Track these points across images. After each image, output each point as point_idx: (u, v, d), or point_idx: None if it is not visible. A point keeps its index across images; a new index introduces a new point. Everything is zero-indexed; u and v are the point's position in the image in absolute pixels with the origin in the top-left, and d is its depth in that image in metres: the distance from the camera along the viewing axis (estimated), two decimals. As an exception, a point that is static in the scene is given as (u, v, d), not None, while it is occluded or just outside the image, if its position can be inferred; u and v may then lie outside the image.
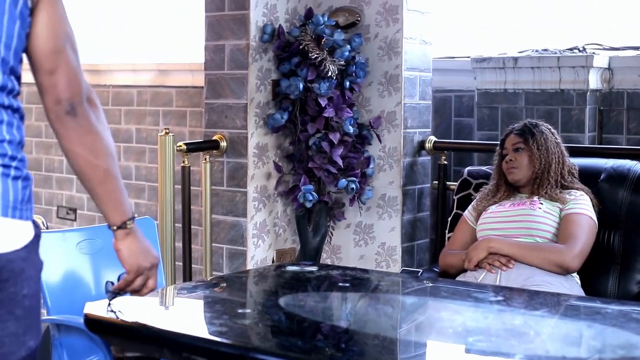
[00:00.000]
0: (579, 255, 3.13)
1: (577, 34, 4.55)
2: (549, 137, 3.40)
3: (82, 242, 2.91)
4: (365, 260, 4.27)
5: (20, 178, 1.82)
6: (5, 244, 1.78)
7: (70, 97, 1.91)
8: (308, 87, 3.98)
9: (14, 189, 1.80)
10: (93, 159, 1.96)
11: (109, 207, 2.03)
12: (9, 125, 1.82)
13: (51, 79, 1.90)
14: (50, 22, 1.87)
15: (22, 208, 1.81)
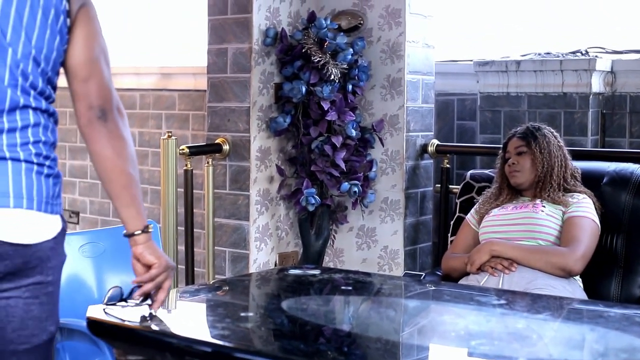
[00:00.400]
0: (582, 258, 3.13)
1: (579, 37, 4.55)
2: (551, 140, 3.39)
3: (84, 245, 2.92)
4: (367, 264, 4.26)
5: (52, 176, 2.01)
6: (37, 235, 1.96)
7: (102, 103, 2.07)
8: (311, 91, 3.99)
9: (46, 186, 1.99)
10: (120, 163, 2.12)
11: (132, 211, 2.15)
12: (45, 128, 2.01)
13: (85, 86, 2.07)
14: (87, 37, 2.07)
15: (53, 203, 2.00)
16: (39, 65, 1.99)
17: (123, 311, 2.29)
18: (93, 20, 2.10)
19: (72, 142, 5.63)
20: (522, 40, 4.71)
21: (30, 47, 1.97)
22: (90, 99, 2.07)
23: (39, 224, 1.98)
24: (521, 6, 4.81)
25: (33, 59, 1.98)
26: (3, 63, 1.94)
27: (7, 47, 1.93)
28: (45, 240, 1.98)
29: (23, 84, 1.97)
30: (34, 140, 1.98)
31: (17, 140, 1.95)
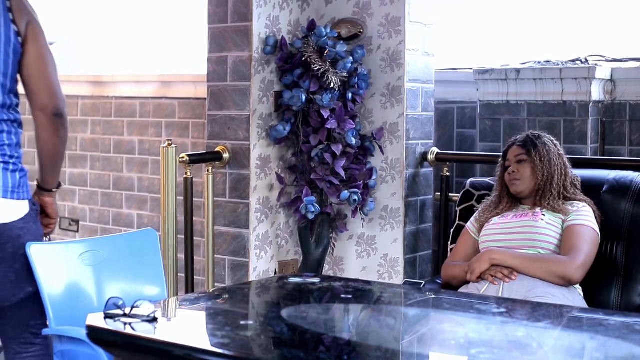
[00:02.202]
0: (582, 266, 3.12)
1: (579, 45, 4.56)
2: (551, 148, 3.40)
3: (84, 253, 2.91)
4: (367, 272, 4.26)
5: (17, 170, 2.64)
6: (6, 217, 2.59)
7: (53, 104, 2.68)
8: (310, 99, 3.99)
9: (12, 179, 2.61)
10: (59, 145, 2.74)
11: None
12: (8, 133, 2.61)
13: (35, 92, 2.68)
14: (35, 52, 2.64)
15: (17, 191, 2.61)
16: (3, 85, 2.58)
17: (123, 320, 2.28)
18: (38, 36, 2.66)
19: (71, 150, 5.63)
20: (522, 49, 4.72)
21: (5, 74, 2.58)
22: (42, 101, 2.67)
23: (5, 208, 2.59)
24: (521, 14, 4.82)
25: (1, 84, 2.57)
26: None
27: None
28: (13, 220, 2.60)
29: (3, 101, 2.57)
30: (7, 144, 2.61)
31: None
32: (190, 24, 5.36)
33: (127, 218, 5.33)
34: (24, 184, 2.65)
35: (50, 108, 2.68)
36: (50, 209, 2.89)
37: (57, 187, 2.88)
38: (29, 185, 2.68)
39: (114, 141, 5.41)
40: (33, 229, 2.69)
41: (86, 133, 5.56)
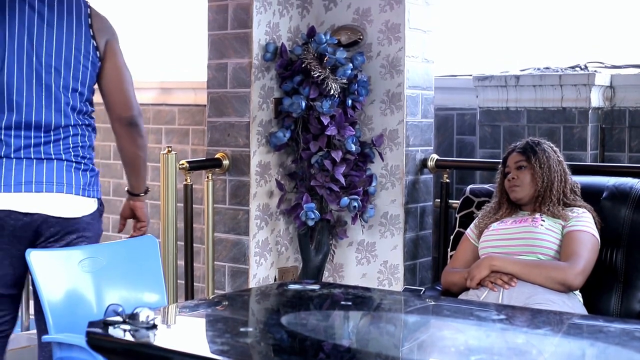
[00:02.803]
0: (582, 273, 3.12)
1: (578, 52, 4.56)
2: (551, 155, 3.40)
3: (84, 260, 2.91)
4: (367, 279, 4.26)
5: (88, 170, 2.94)
6: (77, 212, 2.89)
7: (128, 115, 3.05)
8: (310, 106, 3.99)
9: (83, 177, 2.91)
10: (139, 152, 3.08)
11: None
12: (82, 136, 2.94)
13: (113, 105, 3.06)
14: (113, 69, 3.01)
15: (88, 189, 2.91)
16: (76, 91, 2.90)
17: (122, 327, 2.28)
18: (116, 53, 3.00)
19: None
20: (521, 55, 4.72)
21: (69, 80, 2.88)
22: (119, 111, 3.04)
23: (78, 204, 2.89)
24: (520, 21, 4.83)
25: (73, 89, 2.89)
26: (50, 94, 2.87)
27: (54, 82, 2.87)
28: (83, 215, 2.90)
29: (65, 108, 2.89)
30: (73, 145, 2.91)
31: (61, 147, 2.88)
32: (190, 30, 5.37)
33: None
34: (94, 182, 2.96)
35: (126, 118, 3.02)
36: (139, 212, 3.20)
37: (145, 192, 3.18)
38: (99, 185, 3.00)
39: (113, 147, 5.41)
40: (96, 226, 2.98)
41: (86, 140, 5.56)
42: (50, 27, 2.87)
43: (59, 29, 2.88)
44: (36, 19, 2.86)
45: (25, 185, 2.83)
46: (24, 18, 2.86)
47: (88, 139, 2.98)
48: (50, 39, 2.88)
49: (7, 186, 2.81)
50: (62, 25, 2.89)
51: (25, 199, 2.82)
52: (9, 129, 2.84)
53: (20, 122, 2.84)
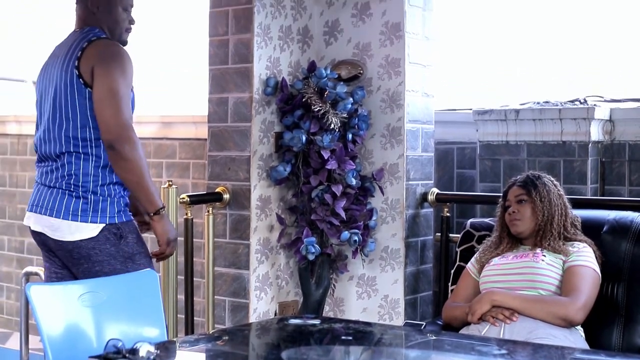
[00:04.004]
0: (583, 308, 3.11)
1: (578, 86, 4.58)
2: (551, 189, 3.40)
3: (84, 294, 2.90)
4: (368, 313, 4.25)
5: (80, 197, 3.04)
6: (72, 235, 3.01)
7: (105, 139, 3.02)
8: (311, 140, 4.00)
9: (75, 203, 3.03)
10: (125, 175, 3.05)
11: None
12: (76, 164, 3.05)
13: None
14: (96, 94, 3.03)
15: (81, 215, 3.02)
16: (69, 119, 3.04)
17: (122, 362, 2.27)
18: (99, 77, 3.02)
19: (72, 190, 5.63)
20: (521, 89, 4.74)
21: (62, 109, 3.06)
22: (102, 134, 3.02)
23: (72, 228, 3.01)
24: (520, 55, 4.85)
25: (66, 118, 3.05)
26: (53, 130, 3.08)
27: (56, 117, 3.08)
28: (80, 239, 3.01)
29: (59, 137, 3.06)
30: (68, 173, 3.05)
31: (58, 174, 3.07)
32: (191, 65, 5.39)
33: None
34: (90, 209, 3.04)
35: (106, 141, 3.01)
36: (155, 232, 3.18)
37: (156, 212, 3.13)
38: (103, 212, 3.05)
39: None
40: (110, 250, 3.05)
41: (87, 173, 5.56)
42: (53, 65, 3.15)
43: (56, 65, 3.14)
44: (49, 62, 3.21)
45: (32, 206, 3.16)
46: (45, 62, 3.23)
47: (83, 167, 3.07)
48: (52, 76, 3.14)
49: (28, 205, 3.20)
50: (59, 61, 3.13)
51: (32, 218, 3.15)
52: (37, 161, 3.23)
53: (39, 154, 3.19)
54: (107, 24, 3.23)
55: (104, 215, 3.06)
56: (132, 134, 3.03)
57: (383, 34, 4.20)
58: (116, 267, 3.05)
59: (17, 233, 5.98)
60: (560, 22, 4.85)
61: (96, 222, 3.05)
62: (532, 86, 4.72)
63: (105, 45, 3.13)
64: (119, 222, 3.10)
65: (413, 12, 4.20)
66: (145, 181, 3.07)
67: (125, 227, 3.11)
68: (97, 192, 3.07)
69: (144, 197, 3.11)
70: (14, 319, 5.93)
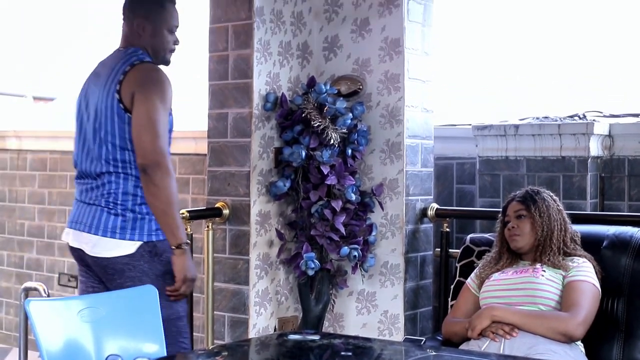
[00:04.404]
0: (583, 323, 3.11)
1: (577, 101, 4.59)
2: (551, 204, 3.40)
3: (83, 310, 2.90)
4: (367, 329, 4.24)
5: (119, 215, 3.11)
6: (108, 252, 3.09)
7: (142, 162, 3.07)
8: (310, 155, 4.01)
9: (114, 221, 3.10)
10: (153, 200, 3.09)
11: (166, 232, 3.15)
12: (116, 183, 3.12)
13: None
14: (134, 117, 3.08)
15: (119, 232, 3.09)
16: (109, 142, 3.11)
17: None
18: (139, 103, 3.07)
19: (71, 205, 5.63)
20: (520, 105, 4.75)
21: (101, 132, 3.12)
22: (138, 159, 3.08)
23: (108, 245, 3.08)
24: (519, 71, 4.86)
25: (105, 140, 3.11)
26: (88, 146, 3.16)
27: (96, 138, 3.13)
28: (116, 255, 3.08)
29: (100, 158, 3.13)
30: (108, 191, 3.12)
31: (98, 193, 3.13)
32: (191, 80, 5.40)
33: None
34: (128, 227, 3.10)
35: (140, 165, 3.07)
36: (173, 267, 3.16)
37: (178, 247, 3.13)
38: (141, 229, 3.11)
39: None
40: (143, 267, 3.10)
41: (86, 189, 5.57)
42: (96, 84, 3.21)
43: (99, 85, 3.19)
44: (92, 79, 3.27)
45: (71, 222, 3.23)
46: (88, 79, 3.30)
47: (123, 186, 3.13)
48: (94, 95, 3.20)
49: (67, 222, 3.27)
50: (101, 82, 3.19)
51: (71, 235, 3.22)
52: (77, 177, 3.28)
53: (79, 171, 3.26)
54: (152, 45, 3.26)
55: (142, 233, 3.12)
56: (165, 161, 3.06)
57: (382, 49, 4.21)
58: (147, 284, 3.04)
59: (16, 248, 5.98)
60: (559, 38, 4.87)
61: (134, 239, 3.10)
62: (531, 101, 4.73)
63: (146, 71, 3.17)
64: (155, 240, 3.14)
65: (412, 28, 4.21)
66: (171, 211, 3.10)
67: (161, 246, 3.15)
68: (135, 210, 3.13)
69: (168, 227, 3.12)
70: (12, 334, 5.92)
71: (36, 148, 5.92)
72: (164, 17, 3.28)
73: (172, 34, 3.32)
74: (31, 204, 5.91)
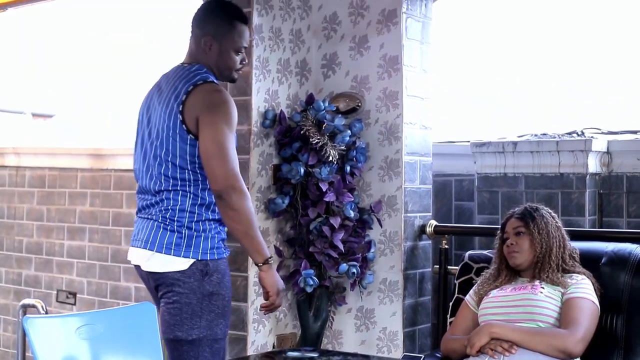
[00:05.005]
0: (582, 340, 3.10)
1: (575, 118, 4.60)
2: (549, 221, 3.40)
3: (81, 327, 2.90)
4: (366, 346, 4.23)
5: (175, 231, 3.08)
6: (162, 267, 3.07)
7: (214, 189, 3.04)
8: (309, 172, 4.01)
9: (169, 237, 3.07)
10: (233, 224, 3.07)
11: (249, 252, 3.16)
12: (175, 200, 3.10)
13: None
14: (201, 143, 3.03)
15: (175, 248, 3.06)
16: (169, 161, 3.09)
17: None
18: (205, 128, 3.02)
19: (70, 222, 5.63)
20: (519, 122, 4.76)
21: (162, 151, 3.09)
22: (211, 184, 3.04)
23: (164, 261, 3.06)
24: (517, 88, 4.87)
25: (165, 159, 3.09)
26: (148, 163, 3.15)
27: (157, 156, 3.11)
28: (169, 271, 3.05)
29: (159, 176, 3.11)
30: (165, 208, 3.10)
31: (157, 209, 3.12)
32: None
33: (125, 291, 5.30)
34: (183, 244, 3.08)
35: (214, 191, 3.03)
36: (263, 283, 3.17)
37: (265, 262, 3.13)
38: (196, 247, 3.08)
39: (112, 213, 5.41)
40: (192, 284, 3.06)
41: (85, 205, 5.57)
42: (158, 101, 3.18)
43: (161, 103, 3.16)
44: (155, 93, 3.23)
45: (132, 240, 3.24)
46: (150, 92, 3.27)
47: (180, 203, 3.10)
48: (156, 112, 3.18)
49: (131, 241, 3.28)
50: (163, 99, 3.15)
51: (132, 252, 3.22)
52: (137, 191, 3.28)
53: (139, 186, 3.26)
54: (217, 63, 3.21)
55: (196, 251, 3.09)
56: (239, 184, 3.02)
57: (381, 67, 4.22)
58: (192, 301, 3.05)
59: (14, 265, 5.97)
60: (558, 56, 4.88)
61: (188, 257, 3.07)
62: (529, 118, 4.73)
63: (209, 93, 3.10)
64: (208, 259, 3.11)
65: (411, 45, 4.23)
66: (252, 231, 3.07)
67: (212, 265, 3.11)
68: (191, 228, 3.10)
69: (251, 247, 3.10)
70: (10, 351, 5.90)
71: (35, 165, 5.92)
72: (232, 37, 3.20)
73: (240, 54, 3.25)
74: (29, 221, 5.90)
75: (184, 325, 3.04)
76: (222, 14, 3.22)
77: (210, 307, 3.08)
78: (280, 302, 3.18)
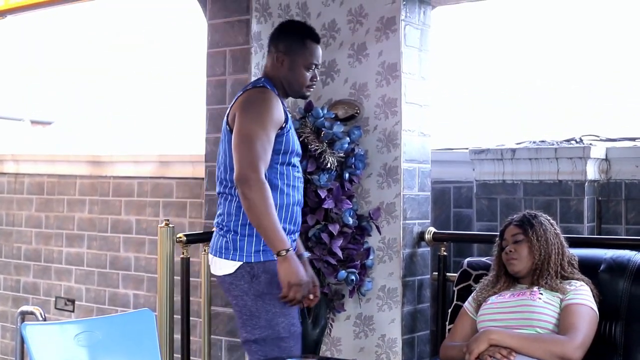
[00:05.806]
0: (581, 346, 3.10)
1: (574, 125, 4.60)
2: (548, 228, 3.40)
3: (80, 334, 2.89)
4: (365, 353, 4.22)
5: (222, 235, 3.26)
6: (217, 270, 3.28)
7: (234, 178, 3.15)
8: (308, 179, 4.01)
9: (219, 241, 3.27)
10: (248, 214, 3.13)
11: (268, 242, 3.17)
12: (222, 204, 3.29)
13: None
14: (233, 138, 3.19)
15: (224, 252, 3.23)
16: (222, 164, 3.27)
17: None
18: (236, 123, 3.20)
19: (68, 229, 5.63)
20: (517, 129, 4.76)
21: (226, 157, 3.25)
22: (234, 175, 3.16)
23: (218, 264, 3.26)
24: (516, 95, 4.88)
25: (225, 164, 3.25)
26: (217, 170, 3.32)
27: (219, 160, 3.30)
28: (223, 274, 3.24)
29: (220, 180, 3.29)
30: (218, 212, 3.30)
31: (217, 213, 3.32)
32: (189, 104, 5.41)
33: (124, 298, 5.30)
34: (231, 247, 3.22)
35: (235, 180, 3.13)
36: (278, 275, 3.16)
37: (278, 254, 3.13)
38: (241, 250, 3.21)
39: (111, 220, 5.42)
40: (243, 287, 3.21)
41: (83, 212, 5.57)
42: (230, 104, 3.36)
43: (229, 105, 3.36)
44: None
45: None
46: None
47: (227, 207, 3.27)
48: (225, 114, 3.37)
49: None
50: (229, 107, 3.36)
51: None
52: None
53: None
54: (287, 79, 3.37)
55: (242, 254, 3.22)
56: (254, 174, 3.10)
57: (379, 74, 4.23)
58: (247, 303, 3.20)
59: (13, 272, 5.97)
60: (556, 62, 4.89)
61: (235, 260, 3.22)
62: (528, 125, 4.74)
63: (250, 94, 3.27)
64: (253, 262, 3.21)
65: (409, 52, 4.23)
66: (265, 222, 3.10)
67: (258, 267, 3.22)
68: (237, 232, 3.23)
69: (266, 238, 3.15)
70: (9, 358, 5.90)
71: (33, 172, 5.92)
72: (303, 54, 3.37)
73: (310, 70, 3.40)
74: (28, 228, 5.90)
75: (247, 326, 3.23)
76: (295, 32, 3.42)
77: (265, 307, 3.20)
78: (295, 295, 3.15)
